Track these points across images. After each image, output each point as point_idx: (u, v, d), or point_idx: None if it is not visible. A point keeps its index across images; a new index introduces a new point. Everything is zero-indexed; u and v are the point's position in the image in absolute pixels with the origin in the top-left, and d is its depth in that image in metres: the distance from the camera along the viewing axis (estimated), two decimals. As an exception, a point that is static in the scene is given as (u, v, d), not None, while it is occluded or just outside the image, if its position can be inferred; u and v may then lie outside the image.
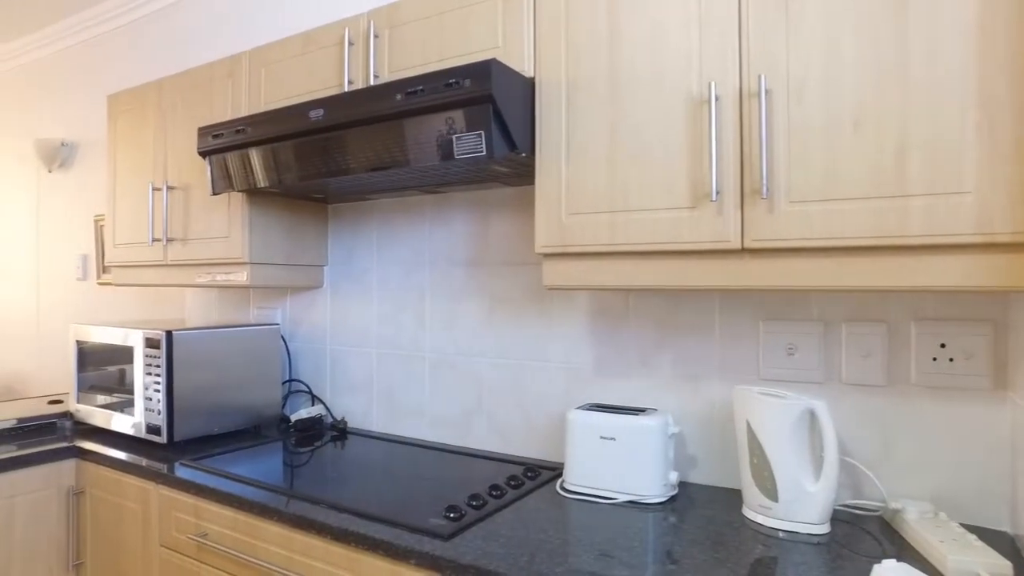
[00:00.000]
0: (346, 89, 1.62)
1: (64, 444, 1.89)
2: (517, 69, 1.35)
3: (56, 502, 1.85)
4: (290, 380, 2.20)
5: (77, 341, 2.10)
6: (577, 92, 1.30)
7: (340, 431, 2.01)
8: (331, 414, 2.12)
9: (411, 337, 1.95)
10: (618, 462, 1.40)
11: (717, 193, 1.15)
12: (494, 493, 1.42)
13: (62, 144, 3.28)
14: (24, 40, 3.45)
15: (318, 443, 1.89)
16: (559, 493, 1.44)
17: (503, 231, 1.78)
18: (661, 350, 1.55)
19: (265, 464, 1.68)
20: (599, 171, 1.28)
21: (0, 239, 3.80)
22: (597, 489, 1.41)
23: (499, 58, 1.38)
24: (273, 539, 1.38)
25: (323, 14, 2.18)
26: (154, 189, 2.13)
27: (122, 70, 2.99)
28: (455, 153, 1.30)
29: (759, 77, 1.09)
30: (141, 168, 2.21)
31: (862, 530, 1.20)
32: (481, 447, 1.81)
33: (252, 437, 1.94)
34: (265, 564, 1.38)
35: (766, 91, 1.10)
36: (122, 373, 1.94)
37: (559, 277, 1.34)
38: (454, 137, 1.29)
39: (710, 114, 1.14)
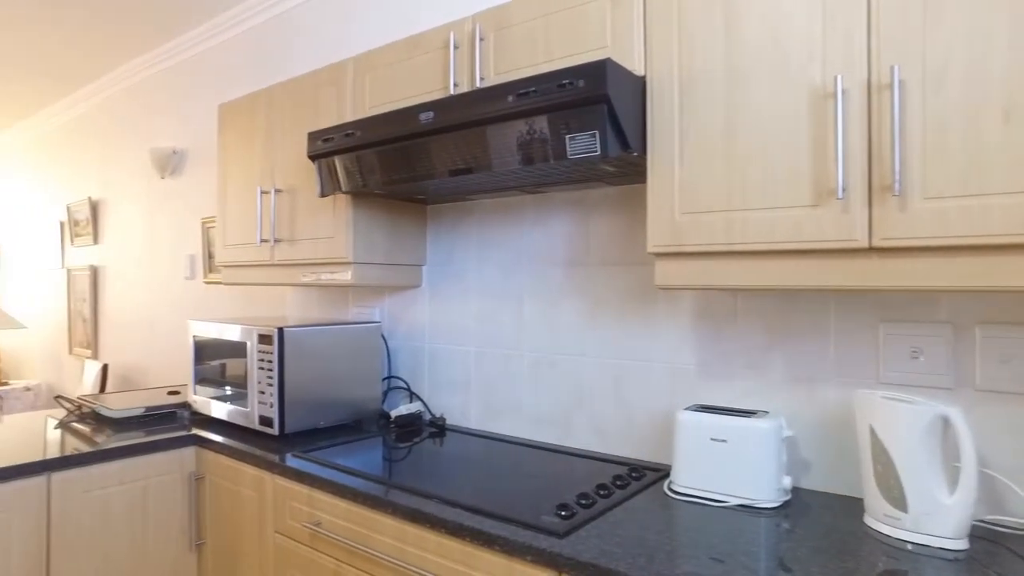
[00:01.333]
0: (451, 92, 1.66)
1: (184, 432, 2.02)
2: (627, 67, 1.34)
3: (180, 486, 1.98)
4: (389, 377, 2.27)
5: (194, 337, 2.23)
6: (691, 89, 1.28)
7: (439, 428, 2.06)
8: (429, 411, 2.17)
9: (510, 336, 1.97)
10: (729, 465, 1.37)
11: (843, 190, 1.10)
12: (602, 492, 1.42)
13: (173, 152, 3.50)
14: (141, 58, 3.69)
15: (417, 439, 1.94)
16: (667, 494, 1.43)
17: (604, 231, 1.78)
18: (770, 351, 1.51)
19: (371, 458, 1.74)
20: (714, 169, 1.25)
21: (120, 242, 4.09)
22: (707, 491, 1.39)
23: (609, 57, 1.38)
24: (386, 531, 1.43)
25: (426, 20, 2.23)
26: (262, 192, 2.24)
27: (228, 81, 3.16)
28: (568, 153, 1.30)
29: (891, 68, 1.05)
30: (250, 172, 2.33)
31: (1008, 550, 1.12)
32: (581, 446, 1.81)
33: (354, 431, 2.02)
34: (378, 554, 1.43)
35: (899, 82, 1.05)
36: (234, 367, 2.05)
37: (672, 277, 1.33)
38: (567, 137, 1.30)
39: (836, 109, 1.10)
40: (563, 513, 1.29)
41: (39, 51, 3.57)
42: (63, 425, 2.13)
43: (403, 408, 2.09)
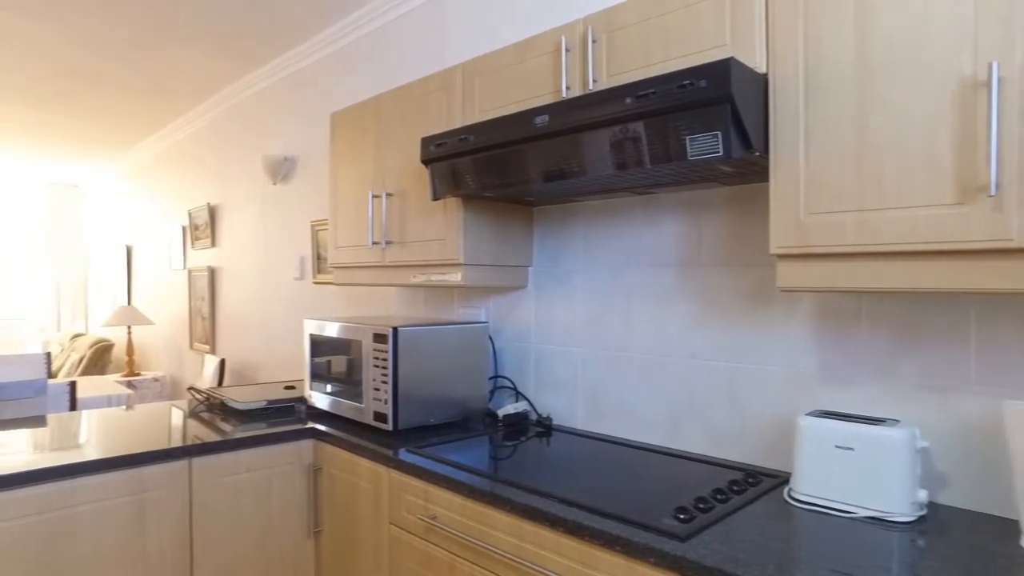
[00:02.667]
0: (563, 96, 1.67)
1: (302, 426, 2.13)
2: (748, 65, 1.31)
3: (300, 476, 2.09)
4: (495, 376, 2.32)
5: (311, 335, 2.36)
6: (817, 84, 1.24)
7: (546, 427, 2.08)
8: (535, 410, 2.20)
9: (618, 337, 1.97)
10: (856, 474, 1.31)
11: (996, 187, 1.04)
12: (719, 497, 1.39)
13: (284, 159, 3.70)
14: (254, 73, 3.93)
15: (523, 438, 1.97)
16: (787, 502, 1.38)
17: (716, 232, 1.74)
18: (900, 357, 1.43)
19: (483, 456, 1.78)
20: (844, 167, 1.21)
21: (235, 245, 4.37)
22: (831, 501, 1.34)
23: (732, 56, 1.35)
24: (502, 527, 1.46)
25: (534, 24, 2.25)
26: (373, 196, 2.33)
27: (336, 91, 3.31)
28: (688, 155, 1.29)
29: (1056, 55, 0.97)
30: (360, 177, 2.43)
31: None
32: (692, 449, 1.79)
33: (462, 429, 2.06)
34: (493, 549, 1.46)
35: (1065, 70, 0.98)
36: (348, 364, 2.15)
37: (796, 279, 1.29)
38: (687, 138, 1.28)
39: (990, 99, 1.03)
40: (682, 516, 1.27)
41: (163, 71, 3.87)
42: (194, 415, 2.31)
43: (510, 407, 2.13)
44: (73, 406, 3.05)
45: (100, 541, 1.72)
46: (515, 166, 1.63)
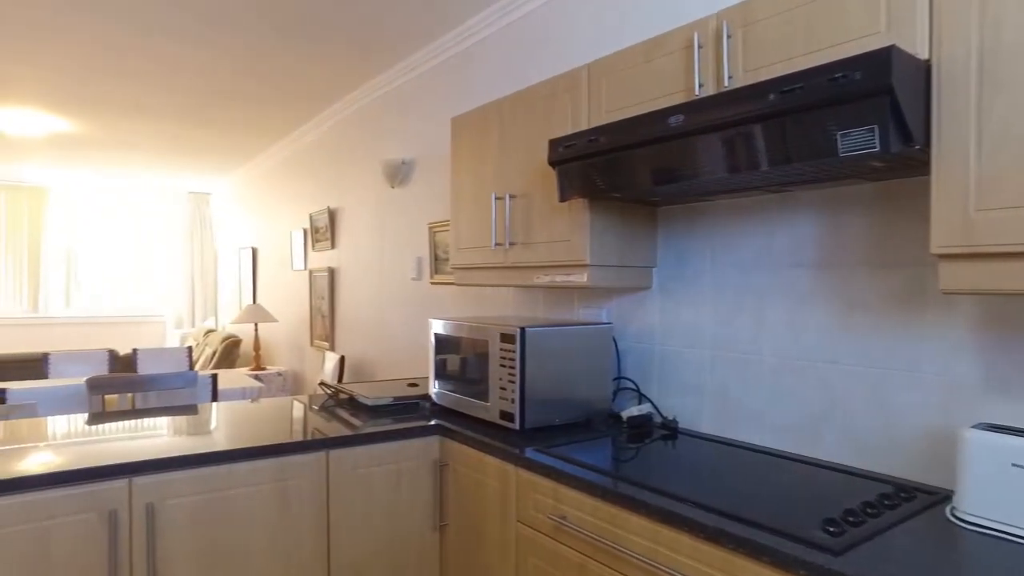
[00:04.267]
0: (696, 94, 1.63)
1: (427, 423, 2.20)
2: (908, 52, 1.23)
3: (426, 471, 2.17)
4: (619, 377, 2.30)
5: (436, 334, 2.44)
6: (996, 68, 1.14)
7: (671, 430, 2.05)
8: (659, 413, 2.16)
9: (749, 340, 1.90)
10: (1036, 495, 1.20)
11: None
12: (870, 511, 1.32)
13: (402, 163, 3.84)
14: (374, 81, 4.10)
15: (648, 440, 1.94)
16: (952, 521, 1.29)
17: (859, 231, 1.65)
18: (1083, 367, 1.30)
19: (611, 457, 1.77)
20: (1024, 159, 1.11)
21: (353, 247, 4.58)
22: (1008, 525, 1.23)
23: (894, 44, 1.27)
24: (636, 530, 1.45)
25: (656, 25, 2.22)
26: (496, 198, 2.37)
27: (451, 96, 3.40)
28: (839, 151, 1.23)
29: None
30: (482, 179, 2.48)
31: None
32: (832, 459, 1.70)
33: (586, 430, 2.06)
34: (626, 551, 1.45)
35: None
36: (472, 363, 2.20)
37: (962, 281, 1.19)
38: (838, 134, 1.22)
39: None
40: (831, 529, 1.22)
41: (288, 83, 4.12)
42: (324, 408, 2.44)
43: (635, 409, 2.11)
44: (215, 397, 3.31)
45: (250, 522, 1.86)
46: (646, 167, 1.61)
